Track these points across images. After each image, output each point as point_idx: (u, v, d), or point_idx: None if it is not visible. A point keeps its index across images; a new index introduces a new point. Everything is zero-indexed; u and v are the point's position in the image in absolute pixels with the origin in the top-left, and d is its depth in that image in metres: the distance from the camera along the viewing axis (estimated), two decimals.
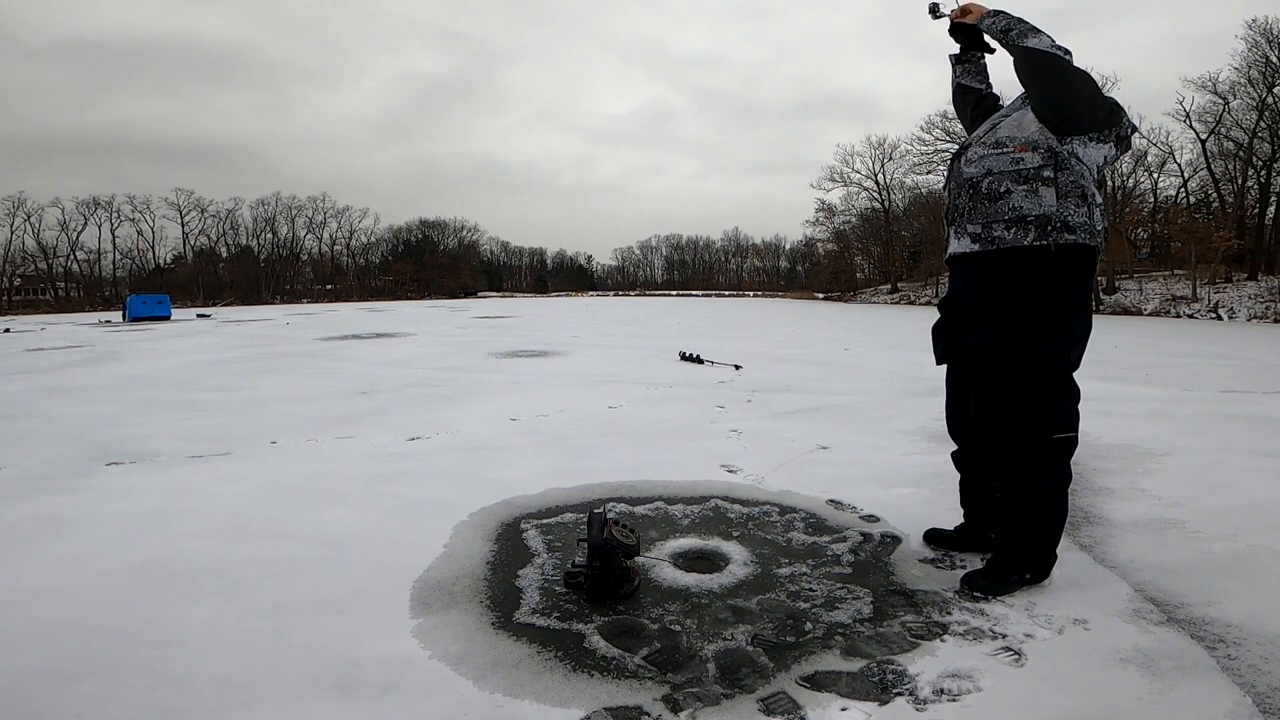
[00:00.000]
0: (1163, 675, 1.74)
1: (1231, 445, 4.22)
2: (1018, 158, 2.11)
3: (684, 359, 9.06)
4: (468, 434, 4.63)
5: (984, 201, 2.16)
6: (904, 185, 51.01)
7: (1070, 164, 2.09)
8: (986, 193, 2.15)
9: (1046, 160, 2.09)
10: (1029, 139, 2.12)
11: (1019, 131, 2.15)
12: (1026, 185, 2.09)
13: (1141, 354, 10.76)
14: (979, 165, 2.20)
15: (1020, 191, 2.10)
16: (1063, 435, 2.15)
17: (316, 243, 75.02)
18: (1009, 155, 2.13)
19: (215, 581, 2.33)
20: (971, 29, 2.56)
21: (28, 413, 5.80)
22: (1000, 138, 2.18)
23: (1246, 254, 31.54)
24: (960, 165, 2.28)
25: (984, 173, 2.17)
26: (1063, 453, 2.17)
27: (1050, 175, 2.08)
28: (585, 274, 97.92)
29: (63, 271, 62.82)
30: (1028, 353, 2.11)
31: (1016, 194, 2.10)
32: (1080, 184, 2.08)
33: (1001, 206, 2.12)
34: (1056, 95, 2.09)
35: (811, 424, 4.94)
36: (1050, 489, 2.18)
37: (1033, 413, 2.13)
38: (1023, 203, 2.09)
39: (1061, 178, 2.08)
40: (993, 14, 2.31)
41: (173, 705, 1.66)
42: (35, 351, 12.44)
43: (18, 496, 3.33)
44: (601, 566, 2.15)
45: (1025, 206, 2.09)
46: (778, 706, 1.65)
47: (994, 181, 2.14)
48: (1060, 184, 2.08)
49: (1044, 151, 2.10)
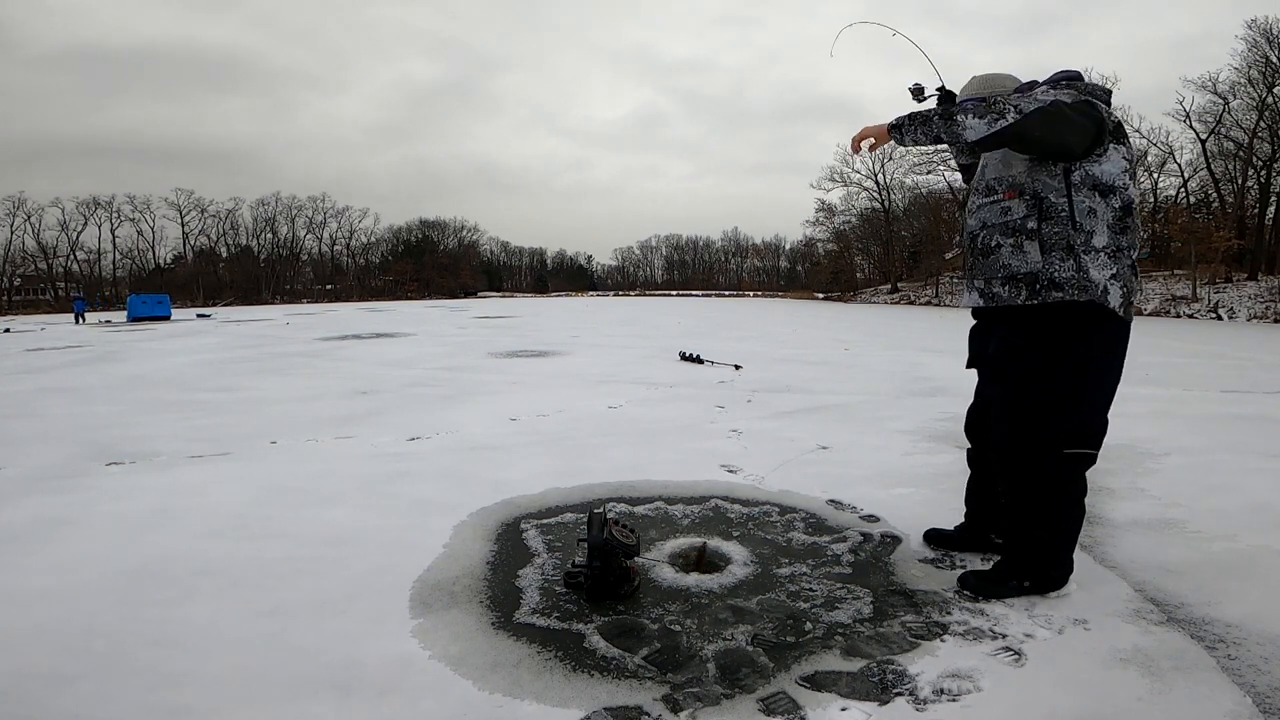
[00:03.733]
0: (1163, 675, 1.74)
1: (1231, 445, 4.22)
2: (1006, 206, 2.10)
3: (684, 359, 9.06)
4: (467, 434, 4.63)
5: (981, 257, 2.17)
6: (904, 185, 51.07)
7: (1055, 211, 2.02)
8: (982, 248, 2.16)
9: (1031, 209, 2.05)
10: (1015, 181, 2.09)
11: (1006, 169, 2.12)
12: (1013, 239, 2.08)
13: (1141, 354, 10.75)
14: (976, 217, 2.20)
15: (1008, 246, 2.09)
16: (1075, 451, 2.11)
17: (316, 243, 75.17)
18: (999, 204, 2.12)
19: (215, 581, 2.33)
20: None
21: (28, 413, 5.80)
22: (990, 180, 2.16)
23: (1246, 254, 31.54)
24: (965, 217, 2.27)
25: (980, 225, 2.18)
26: (1074, 467, 2.14)
27: (1034, 227, 2.04)
28: (585, 274, 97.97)
29: (63, 271, 62.85)
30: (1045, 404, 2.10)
31: (1005, 249, 2.09)
32: (1065, 235, 2.01)
33: (994, 263, 2.12)
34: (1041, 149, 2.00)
35: (811, 424, 4.94)
36: (1056, 501, 2.13)
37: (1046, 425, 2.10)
38: (1010, 259, 2.09)
39: (1046, 229, 2.03)
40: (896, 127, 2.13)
41: (173, 705, 1.66)
42: (35, 351, 12.44)
43: (18, 496, 3.33)
44: (601, 566, 2.15)
45: (1014, 264, 2.08)
46: (778, 706, 1.65)
47: (987, 235, 2.14)
48: (1044, 237, 2.03)
49: (1029, 198, 2.05)
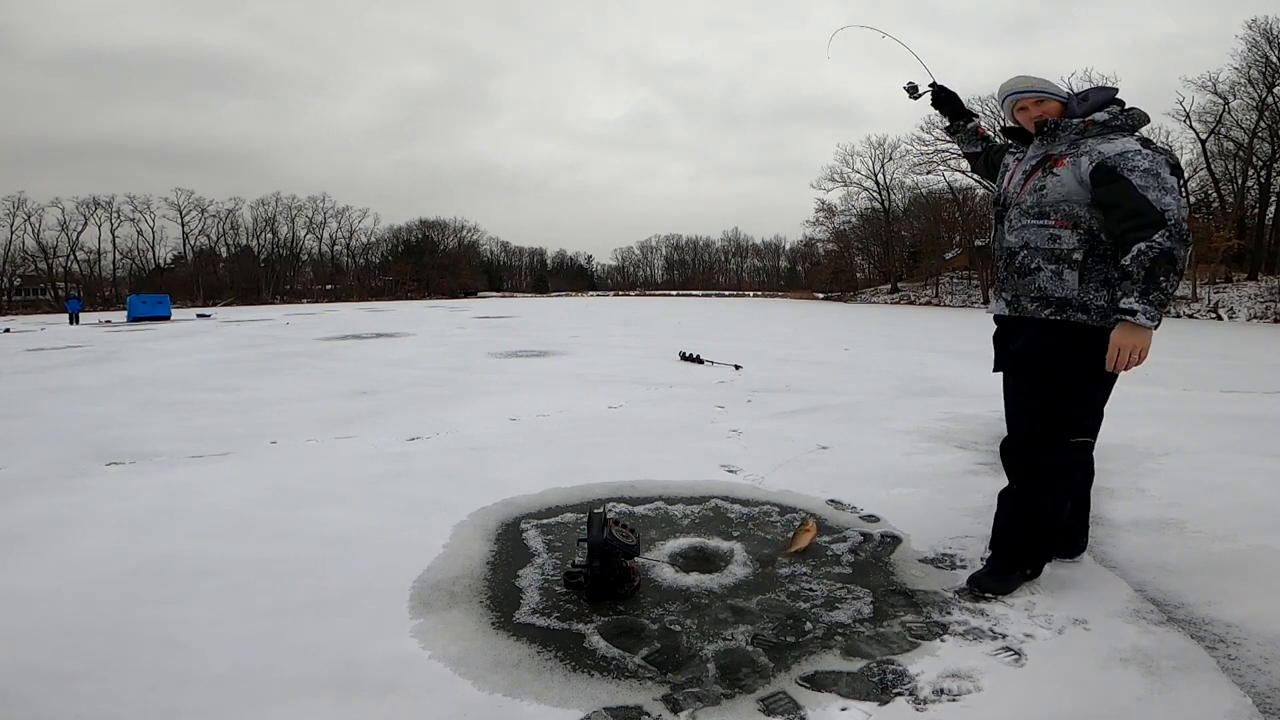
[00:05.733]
0: (1163, 675, 1.74)
1: (1231, 445, 4.22)
2: (1056, 234, 2.14)
3: (684, 359, 9.06)
4: (468, 434, 4.63)
5: (1016, 274, 2.23)
6: (904, 185, 50.98)
7: (1103, 249, 2.10)
8: (1019, 266, 2.22)
9: (1082, 242, 2.11)
10: (1072, 213, 2.12)
11: (1065, 199, 2.13)
12: (1055, 266, 2.14)
13: None
14: (1019, 235, 2.23)
15: (1048, 271, 2.15)
16: (1080, 440, 2.22)
17: (316, 243, 75.10)
18: (1049, 231, 2.15)
19: (215, 581, 2.33)
20: (951, 99, 2.71)
21: (28, 413, 5.80)
22: (1045, 205, 2.16)
23: (1246, 254, 31.54)
24: (1003, 230, 2.30)
25: (1021, 244, 2.22)
26: (1076, 456, 2.24)
27: (1080, 259, 2.11)
28: (585, 274, 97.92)
29: (63, 271, 62.84)
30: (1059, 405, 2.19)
31: (1045, 273, 2.16)
32: (1105, 271, 2.11)
33: (1029, 282, 2.19)
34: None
35: (811, 424, 4.94)
36: (1058, 491, 2.23)
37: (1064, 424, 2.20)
38: (1047, 284, 2.15)
39: (1090, 262, 2.11)
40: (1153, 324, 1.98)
41: (173, 705, 1.66)
42: (35, 351, 12.44)
43: (18, 496, 3.33)
44: (601, 566, 2.15)
45: (1049, 288, 2.15)
46: (778, 706, 1.65)
47: (1028, 257, 2.19)
48: (1086, 268, 2.11)
49: (1083, 232, 2.11)
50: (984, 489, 3.29)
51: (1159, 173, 1.99)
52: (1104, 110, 2.15)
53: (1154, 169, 1.99)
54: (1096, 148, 2.08)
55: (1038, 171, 2.20)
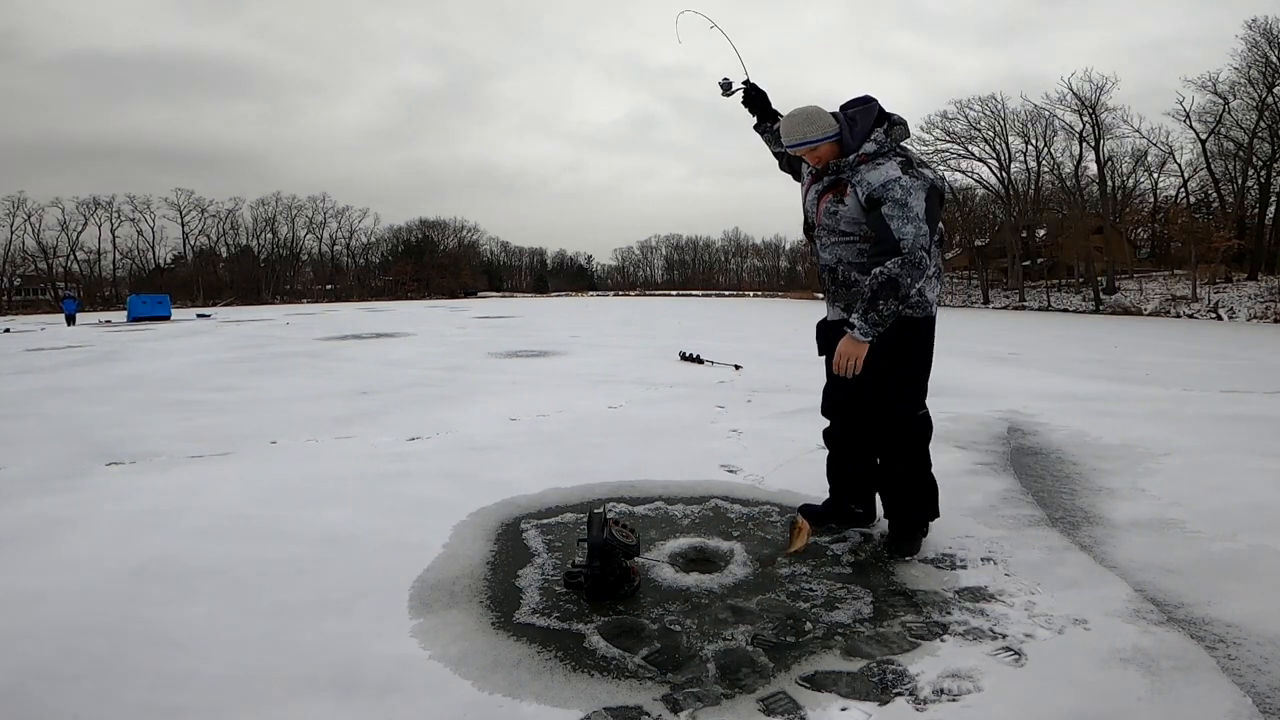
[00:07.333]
0: (1163, 675, 1.74)
1: (1231, 445, 4.22)
2: (861, 248, 2.43)
3: (684, 359, 9.06)
4: (468, 434, 4.63)
5: (843, 288, 2.51)
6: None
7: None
8: (843, 280, 2.50)
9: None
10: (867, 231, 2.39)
11: (855, 219, 2.40)
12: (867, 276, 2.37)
13: (1141, 354, 10.77)
14: (831, 253, 2.51)
15: (864, 281, 2.38)
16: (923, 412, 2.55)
17: (316, 243, 75.16)
18: (855, 246, 2.45)
19: (215, 581, 2.34)
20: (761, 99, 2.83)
21: (28, 413, 5.80)
22: (841, 227, 2.44)
23: (1246, 254, 31.56)
24: (818, 247, 2.58)
25: (836, 260, 2.51)
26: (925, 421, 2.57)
27: None
28: (585, 274, 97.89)
29: (63, 271, 62.86)
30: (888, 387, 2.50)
31: (862, 283, 2.40)
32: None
33: (855, 293, 2.45)
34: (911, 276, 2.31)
35: (811, 424, 4.92)
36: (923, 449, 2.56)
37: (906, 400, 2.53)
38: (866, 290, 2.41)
39: None
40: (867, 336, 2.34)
41: (173, 705, 1.66)
42: (35, 351, 12.44)
43: (18, 496, 3.33)
44: (601, 566, 2.15)
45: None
46: (778, 706, 1.65)
47: (845, 270, 2.49)
48: None
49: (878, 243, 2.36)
50: (984, 489, 3.29)
51: (907, 202, 2.25)
52: (870, 140, 2.36)
53: (904, 199, 2.25)
54: (865, 177, 2.33)
55: (829, 195, 2.45)
